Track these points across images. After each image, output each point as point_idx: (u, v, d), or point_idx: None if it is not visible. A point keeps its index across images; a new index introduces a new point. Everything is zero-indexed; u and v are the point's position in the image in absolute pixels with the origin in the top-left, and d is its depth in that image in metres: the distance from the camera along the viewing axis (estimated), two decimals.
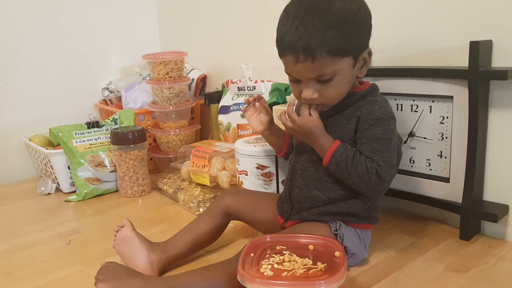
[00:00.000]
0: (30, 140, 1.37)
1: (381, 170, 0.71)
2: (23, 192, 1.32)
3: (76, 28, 1.53)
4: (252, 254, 0.68)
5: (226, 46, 1.47)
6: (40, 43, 1.47)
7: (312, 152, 0.78)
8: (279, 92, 1.17)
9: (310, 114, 0.74)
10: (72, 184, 1.25)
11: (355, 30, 0.71)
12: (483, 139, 0.88)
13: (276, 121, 1.05)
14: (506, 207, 0.88)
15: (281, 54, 0.74)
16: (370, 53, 0.76)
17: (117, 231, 0.83)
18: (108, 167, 1.23)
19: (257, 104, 0.89)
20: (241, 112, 1.22)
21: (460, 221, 0.89)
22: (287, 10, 0.73)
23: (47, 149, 1.27)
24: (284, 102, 1.17)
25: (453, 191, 0.90)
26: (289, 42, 0.70)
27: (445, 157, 0.91)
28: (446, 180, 0.91)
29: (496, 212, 0.85)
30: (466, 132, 0.86)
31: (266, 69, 1.25)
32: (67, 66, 1.53)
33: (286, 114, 0.75)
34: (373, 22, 0.77)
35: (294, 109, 0.76)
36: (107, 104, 1.53)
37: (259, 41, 1.33)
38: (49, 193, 1.28)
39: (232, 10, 1.42)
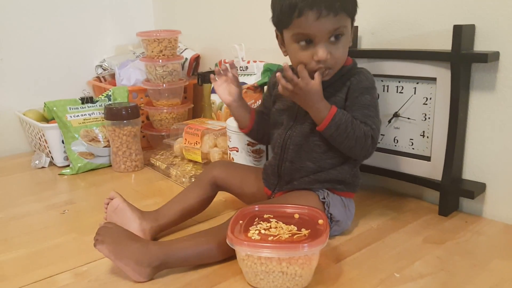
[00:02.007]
0: (24, 115, 1.39)
1: (375, 133, 0.79)
2: (17, 166, 1.35)
3: (71, 6, 1.55)
4: (241, 222, 0.72)
5: (220, 26, 1.49)
6: (35, 20, 1.48)
7: (302, 126, 0.82)
8: (271, 73, 1.20)
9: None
10: (66, 158, 1.28)
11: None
12: (464, 120, 0.92)
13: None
14: (483, 185, 0.92)
15: (299, 14, 0.75)
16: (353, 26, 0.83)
17: (107, 204, 0.86)
18: (102, 142, 1.26)
19: (230, 74, 0.91)
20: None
21: (440, 198, 0.94)
22: None
23: (41, 123, 1.30)
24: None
25: (434, 170, 0.95)
26: (310, 2, 0.74)
27: (427, 137, 0.96)
28: (428, 158, 0.96)
29: (473, 190, 0.90)
30: (448, 113, 0.90)
31: (259, 50, 1.28)
32: (62, 43, 1.55)
33: (287, 77, 0.76)
34: (363, 5, 0.83)
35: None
36: (100, 81, 1.55)
37: (252, 22, 1.36)
38: (43, 167, 1.31)
39: None
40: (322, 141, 0.80)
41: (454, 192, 0.93)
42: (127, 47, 1.65)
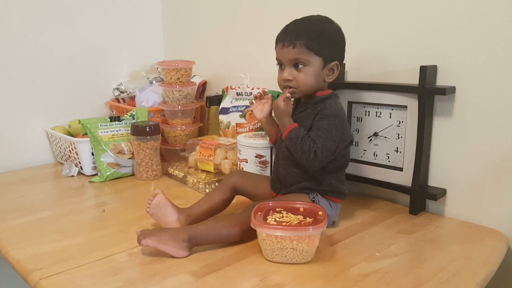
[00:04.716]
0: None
1: (319, 150, 0.95)
2: (48, 175, 1.53)
3: (93, 35, 1.74)
4: (259, 213, 0.94)
5: (225, 57, 1.69)
6: (62, 48, 1.67)
7: None
8: (272, 98, 1.42)
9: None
10: (94, 168, 1.47)
11: (328, 41, 1.01)
12: (428, 139, 1.12)
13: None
14: (444, 190, 1.12)
15: (275, 43, 1.04)
16: (337, 66, 1.04)
17: (151, 200, 1.06)
18: (127, 154, 1.46)
19: (267, 96, 1.16)
20: (239, 113, 1.48)
21: (410, 200, 1.14)
22: (286, 26, 1.04)
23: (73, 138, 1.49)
24: None
25: (405, 178, 1.14)
26: (280, 37, 1.03)
27: (400, 152, 1.16)
28: (400, 169, 1.16)
29: (436, 193, 1.10)
30: (416, 133, 1.10)
31: (261, 78, 1.48)
32: (84, 69, 1.73)
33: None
34: (350, 47, 1.06)
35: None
36: (119, 102, 1.76)
37: (256, 54, 1.55)
38: (72, 176, 1.49)
39: (232, 23, 1.63)
40: None
41: (421, 196, 1.13)
42: (141, 73, 1.85)
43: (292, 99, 1.06)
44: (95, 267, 0.89)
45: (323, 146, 0.96)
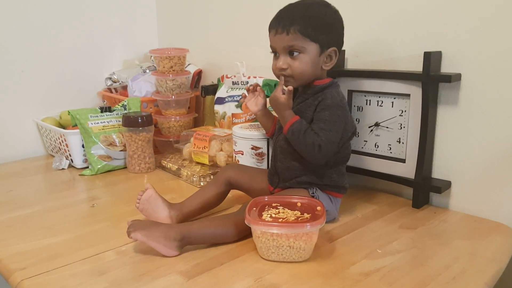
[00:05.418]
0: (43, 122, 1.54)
1: (323, 143, 0.90)
2: (38, 167, 1.49)
3: (85, 24, 1.69)
4: (254, 208, 0.89)
5: (220, 44, 1.64)
6: (52, 36, 1.61)
7: None
8: (269, 87, 1.37)
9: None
10: (85, 161, 1.42)
11: (324, 26, 0.95)
12: (432, 129, 1.08)
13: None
14: (449, 183, 1.09)
15: (268, 30, 0.98)
16: (335, 52, 0.98)
17: (141, 195, 1.01)
18: (118, 146, 1.41)
19: (258, 88, 1.11)
20: (235, 103, 1.42)
21: (413, 193, 1.10)
22: (279, 11, 0.98)
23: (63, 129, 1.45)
24: None
25: (408, 170, 1.11)
26: (273, 23, 0.97)
27: (403, 143, 1.12)
28: (403, 161, 1.12)
29: (440, 186, 1.06)
30: (419, 123, 1.06)
31: (258, 67, 1.43)
32: (75, 58, 1.68)
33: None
34: (350, 32, 1.00)
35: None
36: (111, 92, 1.71)
37: (252, 42, 1.51)
38: (63, 168, 1.44)
39: (229, 10, 1.58)
40: None
41: (425, 189, 1.09)
42: (134, 62, 1.80)
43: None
44: (81, 266, 0.84)
45: (327, 139, 0.91)
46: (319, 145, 0.91)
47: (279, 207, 0.89)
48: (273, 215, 0.85)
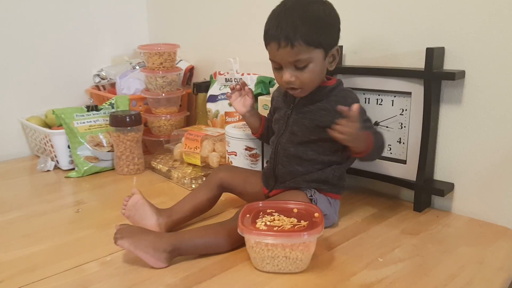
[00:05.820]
0: (27, 121, 1.48)
1: (384, 138, 0.93)
2: (22, 169, 1.43)
3: (72, 19, 1.63)
4: (247, 215, 0.83)
5: (213, 40, 1.60)
6: (37, 32, 1.56)
7: (290, 135, 0.94)
8: (264, 85, 1.32)
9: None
10: (71, 162, 1.36)
11: (326, 28, 0.89)
12: (435, 129, 1.04)
13: (261, 110, 1.20)
14: (451, 185, 1.05)
15: (267, 43, 0.90)
16: (338, 51, 0.93)
17: (127, 200, 0.96)
18: (106, 147, 1.35)
19: (246, 88, 1.05)
20: (228, 101, 1.36)
21: (414, 196, 1.06)
22: (273, 11, 0.90)
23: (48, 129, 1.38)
24: (268, 93, 1.32)
25: (409, 171, 1.07)
26: (273, 33, 0.87)
27: (403, 143, 1.08)
28: (404, 162, 1.08)
29: (443, 189, 1.02)
30: (421, 122, 1.02)
31: (252, 63, 1.39)
32: (61, 54, 1.63)
33: (339, 130, 0.82)
34: (347, 27, 0.95)
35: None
36: (99, 90, 1.64)
37: (245, 37, 1.46)
38: (48, 170, 1.38)
39: (221, 5, 1.53)
40: (308, 151, 0.93)
41: (426, 191, 1.05)
42: (123, 58, 1.74)
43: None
44: (62, 279, 0.79)
45: (381, 132, 0.93)
46: (384, 141, 0.93)
47: (274, 214, 0.83)
48: (268, 223, 0.80)
